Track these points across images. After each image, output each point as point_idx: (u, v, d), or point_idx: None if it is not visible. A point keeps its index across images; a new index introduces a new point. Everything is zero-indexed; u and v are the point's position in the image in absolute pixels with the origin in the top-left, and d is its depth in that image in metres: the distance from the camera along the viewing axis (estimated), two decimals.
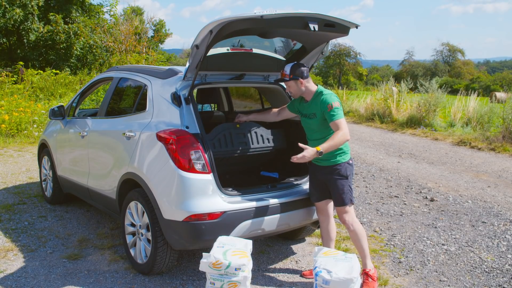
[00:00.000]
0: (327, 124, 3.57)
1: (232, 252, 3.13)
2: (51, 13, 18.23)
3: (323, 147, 3.40)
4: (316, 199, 3.82)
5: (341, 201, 3.68)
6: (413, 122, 13.03)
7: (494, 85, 48.03)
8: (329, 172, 3.66)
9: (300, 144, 3.47)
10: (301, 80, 3.66)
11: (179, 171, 3.41)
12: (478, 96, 13.19)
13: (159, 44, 25.04)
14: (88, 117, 5.11)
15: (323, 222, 3.89)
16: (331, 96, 3.61)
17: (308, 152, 3.39)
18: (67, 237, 4.72)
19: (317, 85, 3.75)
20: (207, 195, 3.43)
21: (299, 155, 3.39)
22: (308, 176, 4.00)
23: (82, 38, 18.58)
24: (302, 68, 3.69)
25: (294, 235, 4.64)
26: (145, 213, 3.73)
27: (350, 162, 3.73)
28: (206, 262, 3.09)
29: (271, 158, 4.71)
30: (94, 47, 19.00)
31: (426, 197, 6.21)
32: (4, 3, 17.15)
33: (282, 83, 4.50)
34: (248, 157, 4.32)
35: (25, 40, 18.09)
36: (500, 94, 20.72)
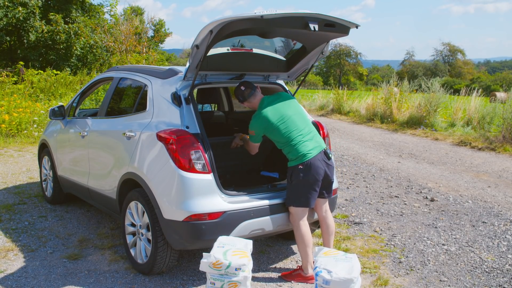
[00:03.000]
0: (268, 137, 3.85)
1: (232, 252, 3.13)
2: (51, 13, 18.24)
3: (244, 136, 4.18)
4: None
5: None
6: (413, 122, 13.02)
7: (494, 85, 48.01)
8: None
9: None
10: (242, 103, 3.93)
11: (179, 171, 3.41)
12: (478, 96, 13.18)
13: (159, 44, 25.05)
14: (88, 117, 5.11)
15: (318, 216, 3.96)
16: (251, 122, 3.80)
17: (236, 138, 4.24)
18: (68, 237, 4.72)
19: (260, 100, 3.85)
20: (207, 195, 3.44)
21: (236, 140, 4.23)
22: None
23: (83, 38, 18.59)
24: (238, 93, 3.88)
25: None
26: (145, 213, 3.73)
27: (300, 167, 3.68)
28: (206, 262, 3.09)
29: (271, 157, 4.72)
30: (95, 47, 19.00)
31: (427, 197, 6.21)
32: (6, 2, 17.17)
33: (282, 84, 4.51)
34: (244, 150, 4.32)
35: (25, 40, 18.10)
36: (500, 94, 20.73)
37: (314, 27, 3.33)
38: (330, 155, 3.80)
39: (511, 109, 10.21)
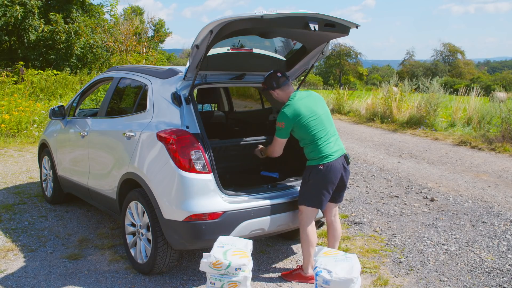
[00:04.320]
0: (293, 133, 3.76)
1: (232, 252, 3.13)
2: (52, 13, 18.24)
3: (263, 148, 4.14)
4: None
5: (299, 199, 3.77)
6: (413, 122, 13.02)
7: (494, 85, 48.01)
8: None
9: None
10: (271, 91, 3.80)
11: (179, 171, 3.41)
12: (478, 96, 13.17)
13: (159, 44, 25.05)
14: (89, 117, 5.11)
15: (326, 221, 3.96)
16: (281, 113, 3.67)
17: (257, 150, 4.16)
18: (68, 237, 4.72)
19: (292, 93, 3.76)
20: (207, 195, 3.43)
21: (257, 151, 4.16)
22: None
23: (83, 38, 18.59)
24: (273, 78, 3.76)
25: (294, 235, 4.64)
26: (145, 213, 3.73)
27: (320, 167, 3.65)
28: (206, 262, 3.09)
29: (271, 157, 4.72)
30: (95, 47, 19.00)
31: (427, 197, 6.21)
32: (5, 1, 17.17)
33: None
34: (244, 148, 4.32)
35: (25, 40, 18.10)
36: (500, 94, 20.71)
37: (314, 27, 3.33)
38: (350, 160, 3.81)
39: (507, 109, 10.21)
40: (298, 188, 3.94)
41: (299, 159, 4.31)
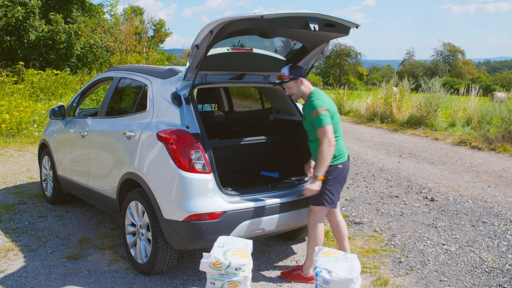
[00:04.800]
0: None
1: (232, 252, 3.13)
2: (52, 13, 18.24)
3: (318, 171, 3.49)
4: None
5: (310, 200, 3.66)
6: (413, 122, 13.01)
7: (494, 85, 48.01)
8: None
9: (306, 187, 3.56)
10: (301, 78, 3.65)
11: (179, 171, 3.41)
12: (478, 96, 13.16)
13: (159, 44, 25.04)
14: (89, 117, 5.11)
15: (331, 221, 3.90)
16: (318, 101, 3.55)
17: (316, 185, 3.50)
18: (68, 237, 4.72)
19: (313, 87, 3.74)
20: (207, 195, 3.43)
21: (308, 189, 3.53)
22: (308, 176, 4.01)
23: (83, 38, 18.58)
24: (298, 68, 3.72)
25: (294, 235, 4.64)
26: (145, 213, 3.73)
27: (339, 166, 3.62)
28: (206, 262, 3.09)
29: (271, 157, 4.72)
30: (95, 46, 19.00)
31: (427, 197, 6.21)
32: (6, 2, 17.17)
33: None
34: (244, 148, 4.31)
35: (25, 40, 18.09)
36: (500, 94, 20.71)
37: (314, 27, 3.33)
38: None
39: (508, 109, 10.21)
40: (298, 188, 3.94)
41: (299, 159, 4.31)
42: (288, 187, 3.93)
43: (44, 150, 6.00)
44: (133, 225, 3.98)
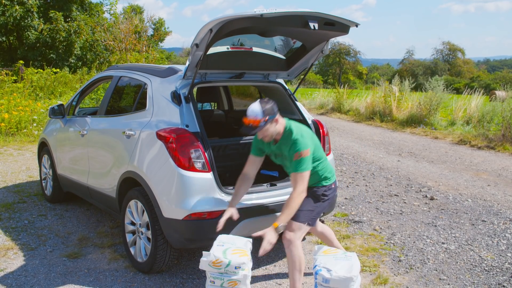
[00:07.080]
0: None
1: (232, 251, 3.13)
2: (51, 11, 18.21)
3: (280, 220, 3.10)
4: None
5: (294, 216, 3.26)
6: (413, 121, 13.02)
7: (494, 84, 48.01)
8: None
9: (256, 234, 3.14)
10: (276, 117, 3.21)
11: (179, 169, 3.41)
12: (479, 94, 13.16)
13: (159, 43, 25.03)
14: (88, 116, 5.11)
15: (314, 232, 3.81)
16: (302, 139, 3.19)
17: (271, 236, 3.07)
18: (67, 235, 4.72)
19: (283, 118, 3.33)
20: (207, 194, 3.44)
21: (265, 245, 3.05)
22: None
23: (83, 37, 18.56)
24: (271, 104, 3.21)
25: None
26: (145, 212, 3.73)
27: (333, 186, 3.49)
28: (206, 260, 3.09)
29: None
30: (94, 45, 18.98)
31: (426, 196, 6.21)
32: (3, 1, 17.15)
33: (282, 82, 4.50)
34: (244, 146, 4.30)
35: (25, 40, 18.07)
36: (500, 93, 20.71)
37: (314, 26, 3.33)
38: None
39: (510, 107, 10.22)
40: None
41: None
42: (287, 186, 3.92)
43: (43, 149, 5.99)
44: (132, 223, 3.99)
